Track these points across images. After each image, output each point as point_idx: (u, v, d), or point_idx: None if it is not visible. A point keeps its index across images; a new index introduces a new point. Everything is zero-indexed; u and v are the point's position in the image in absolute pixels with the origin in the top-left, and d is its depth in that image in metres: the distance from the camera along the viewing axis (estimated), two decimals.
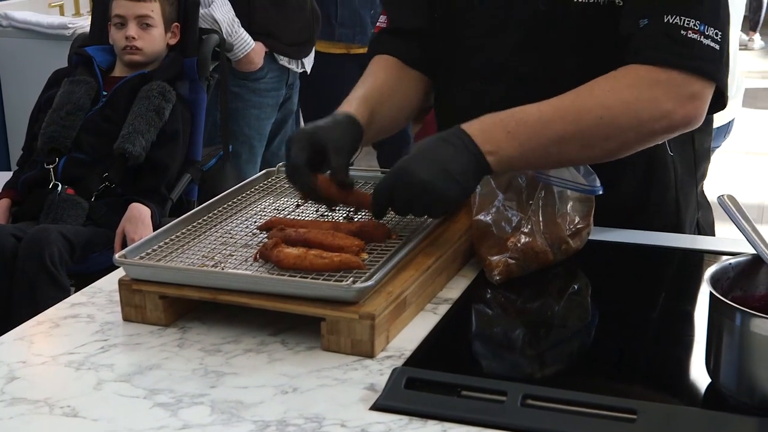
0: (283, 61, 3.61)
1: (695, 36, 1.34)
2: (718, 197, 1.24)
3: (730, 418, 1.02)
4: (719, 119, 2.88)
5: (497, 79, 1.52)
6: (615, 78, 1.36)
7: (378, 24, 1.70)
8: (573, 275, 1.45)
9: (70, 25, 4.12)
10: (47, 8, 4.59)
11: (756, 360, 1.02)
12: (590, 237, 1.47)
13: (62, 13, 4.65)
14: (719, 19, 1.37)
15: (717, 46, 1.35)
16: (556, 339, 1.30)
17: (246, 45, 3.43)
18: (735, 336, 1.04)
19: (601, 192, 1.42)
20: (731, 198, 1.23)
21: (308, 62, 3.75)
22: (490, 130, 1.34)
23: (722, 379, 1.07)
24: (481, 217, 1.42)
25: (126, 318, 1.29)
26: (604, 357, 1.22)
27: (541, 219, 1.40)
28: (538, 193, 1.41)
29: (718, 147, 3.00)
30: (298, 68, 3.70)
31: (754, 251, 1.15)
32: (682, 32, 1.34)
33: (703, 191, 1.68)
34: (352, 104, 1.50)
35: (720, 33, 1.36)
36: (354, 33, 3.83)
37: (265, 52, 3.53)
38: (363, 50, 3.83)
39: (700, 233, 1.65)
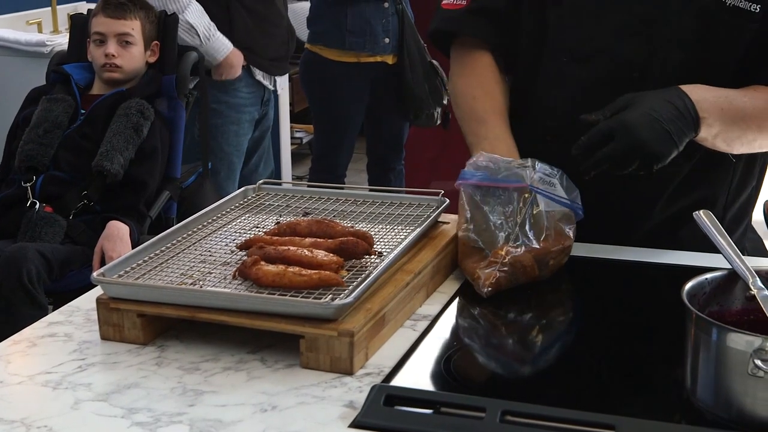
0: (259, 75, 3.63)
1: None
2: (694, 213, 1.25)
3: None
4: None
5: (590, 61, 1.51)
6: None
7: (450, 2, 1.64)
8: (552, 291, 1.46)
9: (48, 43, 4.10)
10: (25, 25, 4.58)
11: (732, 375, 1.03)
12: (571, 253, 1.48)
13: (40, 31, 4.63)
14: None
15: None
16: (534, 355, 1.30)
17: (224, 47, 3.44)
18: (711, 351, 1.05)
19: (582, 215, 1.44)
20: (707, 214, 1.24)
21: (280, 82, 3.77)
22: (707, 100, 1.42)
23: (699, 393, 1.08)
24: (468, 232, 1.42)
25: (104, 337, 1.28)
26: (582, 372, 1.22)
27: (529, 234, 1.41)
28: (527, 209, 1.41)
29: None
30: (271, 85, 3.72)
31: (730, 266, 1.16)
32: None
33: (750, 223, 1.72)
34: (505, 147, 1.54)
35: None
36: (364, 42, 3.85)
37: (243, 66, 3.54)
38: (373, 59, 3.86)
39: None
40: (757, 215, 1.63)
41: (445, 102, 3.97)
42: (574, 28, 1.54)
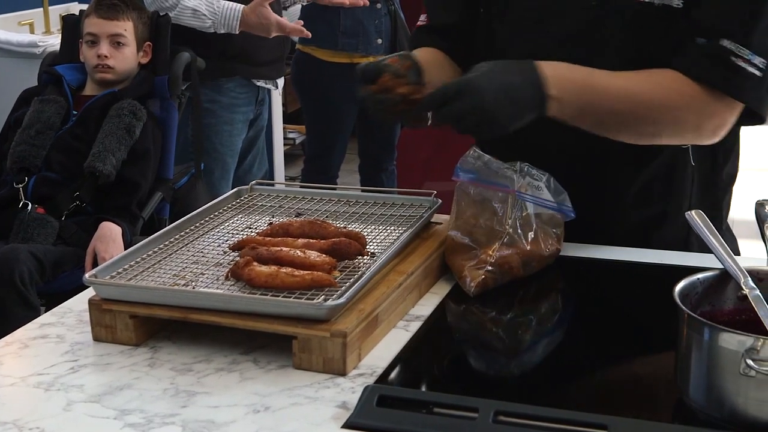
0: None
1: (744, 64, 1.43)
2: (686, 213, 1.25)
3: None
4: None
5: None
6: (667, 80, 1.45)
7: (418, 23, 1.75)
8: (544, 291, 1.46)
9: (40, 44, 4.10)
10: (17, 26, 4.57)
11: (724, 374, 1.03)
12: (561, 253, 1.48)
13: (32, 31, 4.62)
14: (766, 48, 1.45)
15: (759, 74, 1.44)
16: (527, 355, 1.30)
17: (234, 13, 3.33)
18: (703, 350, 1.05)
19: (573, 216, 1.45)
20: (699, 213, 1.24)
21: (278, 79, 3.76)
22: (561, 77, 1.41)
23: (691, 393, 1.08)
24: (457, 231, 1.43)
25: (96, 338, 1.28)
26: (575, 372, 1.22)
27: (517, 236, 1.41)
28: (515, 212, 1.42)
29: None
30: (267, 84, 3.71)
31: (721, 266, 1.16)
32: (732, 58, 1.43)
33: (729, 225, 1.72)
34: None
35: (765, 62, 1.44)
36: (357, 42, 3.85)
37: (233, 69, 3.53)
38: (366, 59, 3.85)
39: None
40: (748, 215, 1.63)
41: None
42: (518, 40, 1.58)
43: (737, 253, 1.68)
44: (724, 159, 1.64)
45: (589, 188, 1.53)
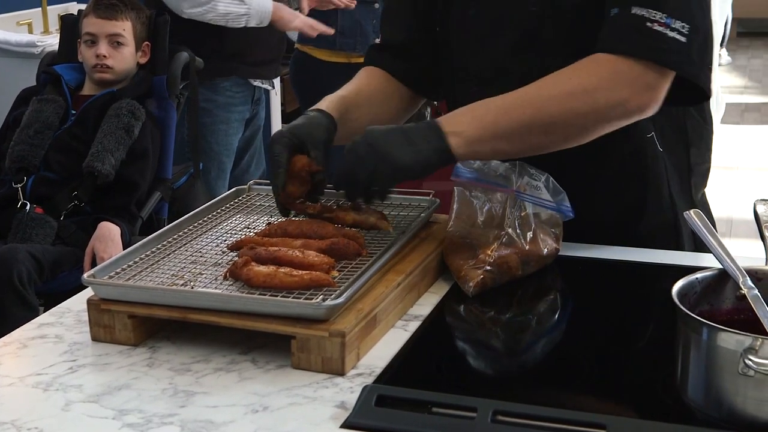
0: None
1: (661, 28, 1.38)
2: (685, 212, 1.25)
3: (698, 431, 1.03)
4: None
5: (495, 82, 1.51)
6: (578, 67, 1.41)
7: (375, 42, 1.77)
8: (543, 291, 1.46)
9: (38, 43, 4.09)
10: (15, 26, 4.57)
11: (723, 374, 1.03)
12: (560, 253, 1.48)
13: (31, 31, 4.62)
14: (688, 12, 1.40)
15: (684, 39, 1.39)
16: (526, 354, 1.30)
17: (265, 6, 3.40)
18: (702, 350, 1.05)
19: (572, 215, 1.45)
20: (697, 213, 1.25)
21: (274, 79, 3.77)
22: (456, 114, 1.41)
23: (690, 393, 1.08)
24: (456, 231, 1.43)
25: (95, 338, 1.28)
26: (574, 372, 1.22)
27: (516, 236, 1.41)
28: (514, 212, 1.42)
29: None
30: (263, 84, 3.71)
31: (720, 266, 1.16)
32: (647, 24, 1.38)
33: (703, 197, 1.72)
34: (324, 102, 1.56)
35: (688, 26, 1.39)
36: (355, 42, 3.85)
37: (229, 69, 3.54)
38: (363, 59, 3.85)
39: (696, 248, 1.66)
40: (747, 214, 1.63)
41: (435, 103, 3.98)
42: (474, 55, 1.59)
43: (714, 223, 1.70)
44: (694, 141, 1.63)
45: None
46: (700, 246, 1.56)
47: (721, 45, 9.35)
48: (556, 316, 1.42)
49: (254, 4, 3.38)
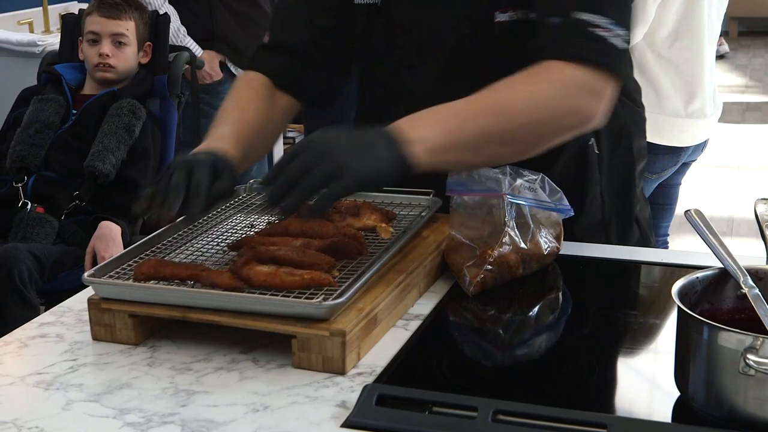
0: None
1: (604, 33, 1.36)
2: (686, 211, 1.25)
3: (699, 431, 1.03)
4: (699, 136, 2.90)
5: (424, 102, 1.38)
6: (533, 74, 1.36)
7: (264, 41, 1.71)
8: (543, 290, 1.46)
9: (39, 43, 4.10)
10: (16, 25, 4.57)
11: (724, 373, 1.03)
12: (561, 252, 1.48)
13: (31, 30, 4.62)
14: (628, 20, 1.40)
15: (625, 46, 1.38)
16: (526, 354, 1.30)
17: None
18: (702, 349, 1.05)
19: (571, 213, 1.45)
20: (698, 212, 1.24)
21: None
22: (415, 119, 1.30)
23: (691, 392, 1.08)
24: (457, 232, 1.43)
25: (95, 337, 1.28)
26: (574, 371, 1.22)
27: (516, 236, 1.41)
28: (511, 212, 1.42)
29: (694, 161, 3.03)
30: None
31: (721, 265, 1.16)
32: (590, 29, 1.35)
33: (642, 189, 1.72)
34: (225, 141, 1.44)
35: (628, 34, 1.38)
36: None
37: (225, 67, 3.54)
38: None
39: (639, 229, 1.68)
40: (748, 214, 1.63)
41: None
42: (400, 76, 1.56)
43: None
44: (634, 133, 1.64)
45: None
46: (639, 240, 1.64)
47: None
48: (556, 315, 1.42)
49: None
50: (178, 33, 3.42)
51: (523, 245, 1.42)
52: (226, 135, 1.47)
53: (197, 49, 3.46)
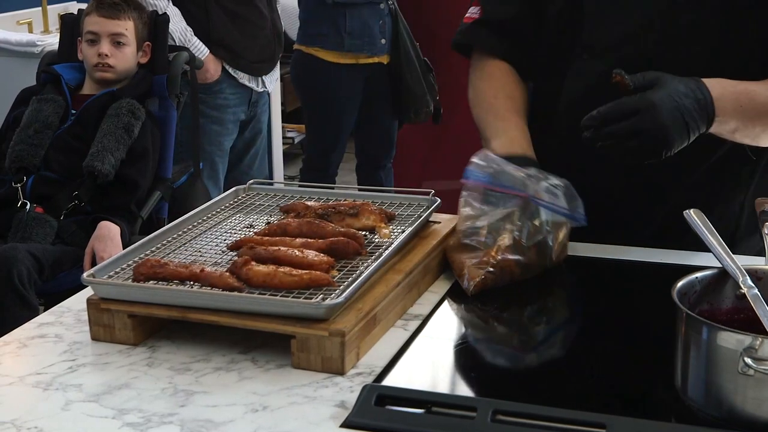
0: (243, 79, 3.63)
1: None
2: (685, 212, 1.25)
3: (699, 431, 1.03)
4: None
5: (610, 53, 1.50)
6: None
7: (469, 15, 1.69)
8: (543, 291, 1.46)
9: (38, 43, 4.09)
10: (15, 25, 4.57)
11: (723, 373, 1.03)
12: None
13: (31, 31, 4.62)
14: None
15: None
16: (526, 354, 1.30)
17: (199, 53, 3.45)
18: (702, 349, 1.05)
19: (585, 224, 1.44)
20: (697, 212, 1.24)
21: (269, 81, 3.77)
22: (726, 99, 1.41)
23: (690, 392, 1.08)
24: (465, 229, 1.42)
25: (94, 337, 1.28)
26: (574, 371, 1.22)
27: (523, 241, 1.41)
28: (525, 216, 1.41)
29: None
30: (259, 87, 3.71)
31: (720, 265, 1.16)
32: None
33: None
34: (521, 145, 1.54)
35: None
36: (363, 43, 3.86)
37: (222, 68, 3.54)
38: (371, 60, 3.89)
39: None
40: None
41: (437, 97, 4.00)
42: (595, 24, 1.55)
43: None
44: None
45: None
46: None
47: None
48: (556, 315, 1.42)
49: (189, 45, 3.43)
50: (185, 33, 3.42)
51: (529, 252, 1.40)
52: (518, 140, 1.55)
53: (204, 50, 3.46)
